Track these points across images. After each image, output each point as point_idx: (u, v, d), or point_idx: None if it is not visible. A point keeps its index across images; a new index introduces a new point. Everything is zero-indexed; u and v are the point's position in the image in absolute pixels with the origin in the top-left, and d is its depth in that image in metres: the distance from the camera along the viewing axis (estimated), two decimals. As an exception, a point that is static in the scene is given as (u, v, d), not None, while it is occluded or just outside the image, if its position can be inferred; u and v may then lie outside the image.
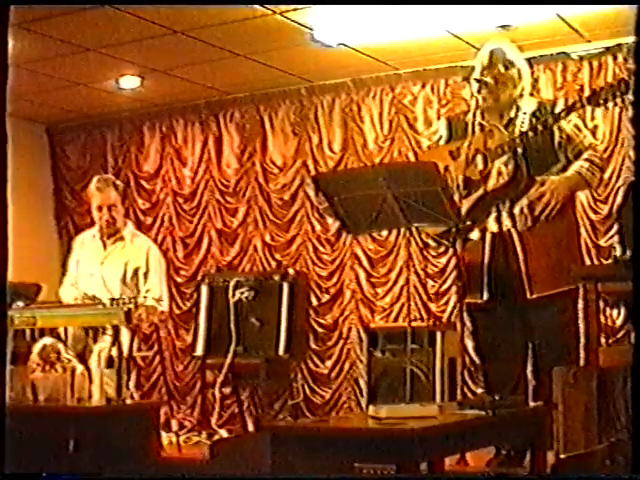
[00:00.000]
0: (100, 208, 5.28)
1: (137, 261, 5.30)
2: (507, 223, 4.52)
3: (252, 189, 7.45)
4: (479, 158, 4.52)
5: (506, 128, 4.52)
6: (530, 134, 4.40)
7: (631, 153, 5.91)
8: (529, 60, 6.34)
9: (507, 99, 4.57)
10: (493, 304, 4.55)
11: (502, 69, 4.56)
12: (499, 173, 4.50)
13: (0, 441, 2.68)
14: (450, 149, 4.61)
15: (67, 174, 8.26)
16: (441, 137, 4.79)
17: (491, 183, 4.51)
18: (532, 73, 5.04)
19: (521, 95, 4.60)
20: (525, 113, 4.52)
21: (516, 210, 4.49)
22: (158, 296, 5.27)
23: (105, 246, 5.35)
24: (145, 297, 5.05)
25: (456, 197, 4.41)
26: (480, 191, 4.52)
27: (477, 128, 4.58)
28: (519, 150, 4.45)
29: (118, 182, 5.51)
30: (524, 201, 4.47)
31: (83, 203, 7.18)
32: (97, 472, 4.01)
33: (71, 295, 5.32)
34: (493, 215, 4.54)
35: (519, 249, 4.48)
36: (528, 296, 4.45)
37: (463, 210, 4.47)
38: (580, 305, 4.30)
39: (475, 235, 4.58)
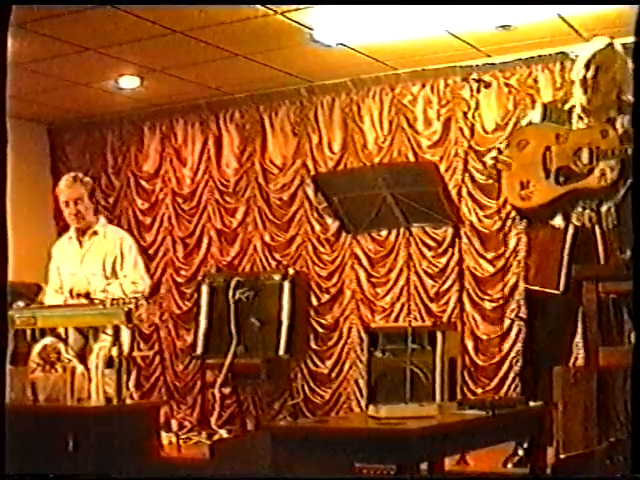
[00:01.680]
0: (67, 203, 5.35)
1: (113, 252, 5.34)
2: (592, 219, 4.45)
3: (252, 189, 7.45)
4: (585, 151, 4.43)
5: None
6: None
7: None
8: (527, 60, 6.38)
9: (612, 100, 4.48)
10: (564, 297, 4.45)
11: (615, 72, 4.45)
12: (602, 174, 4.38)
13: (0, 441, 2.68)
14: (557, 132, 4.51)
15: (67, 174, 8.25)
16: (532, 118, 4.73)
17: (591, 180, 4.41)
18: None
19: (622, 100, 4.51)
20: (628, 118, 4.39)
21: (603, 208, 4.43)
22: (135, 278, 5.27)
23: (81, 244, 5.40)
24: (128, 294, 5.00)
25: (552, 179, 4.39)
26: (578, 184, 4.43)
27: (575, 119, 4.52)
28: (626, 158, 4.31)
29: (86, 179, 5.56)
30: (613, 200, 4.41)
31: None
32: (97, 472, 4.01)
33: (58, 301, 5.32)
34: (579, 209, 4.47)
35: (600, 247, 4.42)
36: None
37: (553, 195, 4.43)
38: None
39: (558, 223, 4.51)
